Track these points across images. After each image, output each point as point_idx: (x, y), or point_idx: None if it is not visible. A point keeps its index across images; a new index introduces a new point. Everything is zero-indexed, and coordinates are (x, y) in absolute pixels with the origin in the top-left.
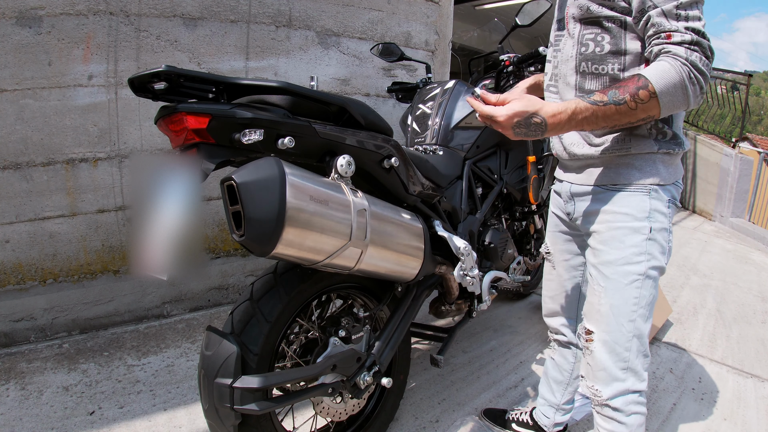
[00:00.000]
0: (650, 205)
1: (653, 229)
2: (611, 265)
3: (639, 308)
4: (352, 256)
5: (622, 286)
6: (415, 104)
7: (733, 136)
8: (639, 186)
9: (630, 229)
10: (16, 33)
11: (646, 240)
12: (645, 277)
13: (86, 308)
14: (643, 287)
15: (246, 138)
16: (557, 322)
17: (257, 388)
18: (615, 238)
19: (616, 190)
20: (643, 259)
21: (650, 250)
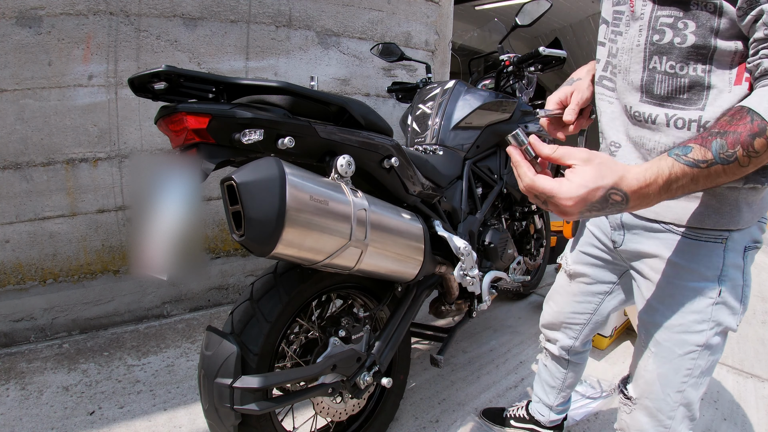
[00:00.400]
0: (724, 259)
1: (724, 291)
2: (665, 330)
3: (692, 378)
4: (352, 256)
5: (675, 356)
6: (415, 104)
7: None
8: (713, 233)
9: (694, 290)
10: (16, 33)
11: (713, 305)
12: (704, 348)
13: (86, 308)
14: (700, 358)
15: (246, 138)
16: (553, 335)
17: (257, 388)
18: (674, 299)
19: (681, 234)
20: (706, 327)
21: (717, 316)
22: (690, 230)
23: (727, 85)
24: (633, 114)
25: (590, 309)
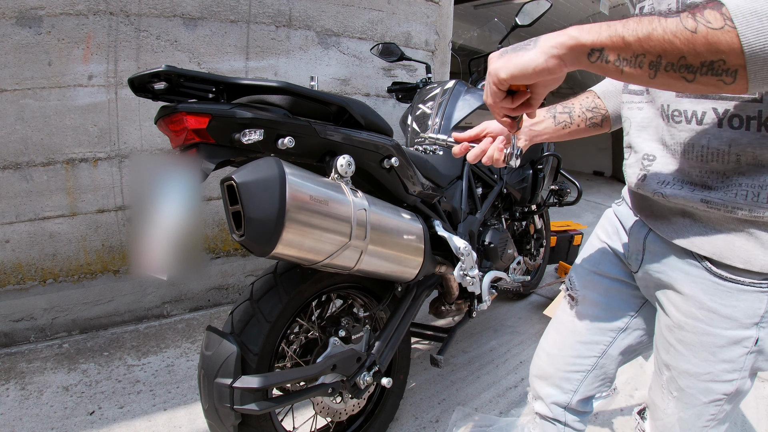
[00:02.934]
0: (766, 306)
1: (762, 340)
2: (691, 377)
3: (714, 422)
4: (351, 256)
5: (699, 403)
6: (415, 104)
7: None
8: (758, 278)
9: (728, 339)
10: (16, 33)
11: (747, 354)
12: (733, 396)
13: (86, 308)
14: (726, 403)
15: (246, 138)
16: (545, 389)
17: (257, 388)
18: (704, 347)
19: (719, 276)
20: (737, 377)
21: (749, 365)
22: (732, 270)
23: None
24: (671, 114)
25: (597, 351)
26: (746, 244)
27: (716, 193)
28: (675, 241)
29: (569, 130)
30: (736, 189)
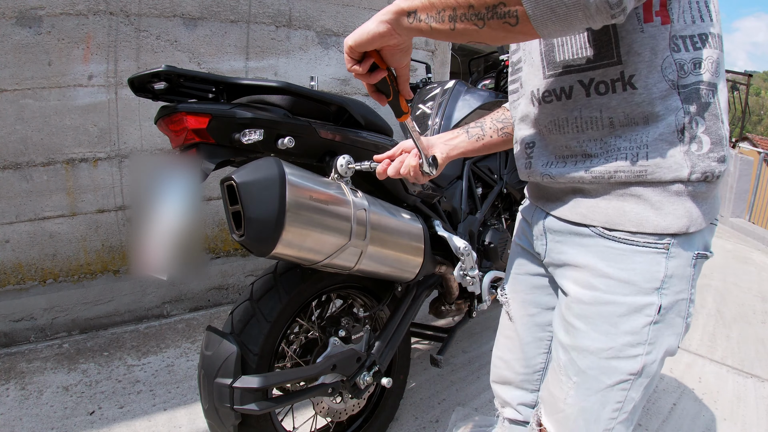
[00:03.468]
0: (666, 269)
1: (664, 307)
2: (591, 355)
3: (622, 414)
4: (351, 256)
5: (601, 388)
6: (415, 104)
7: (733, 136)
8: (653, 238)
9: (629, 307)
10: (16, 33)
11: (651, 325)
12: (639, 376)
13: (86, 308)
14: (633, 389)
15: (246, 138)
16: (510, 393)
17: (257, 388)
18: (603, 318)
19: (613, 239)
20: (641, 352)
21: (655, 337)
22: (625, 234)
23: (637, 24)
24: (542, 97)
25: (543, 348)
26: (636, 207)
27: (598, 160)
28: (569, 217)
29: (483, 143)
30: (615, 154)
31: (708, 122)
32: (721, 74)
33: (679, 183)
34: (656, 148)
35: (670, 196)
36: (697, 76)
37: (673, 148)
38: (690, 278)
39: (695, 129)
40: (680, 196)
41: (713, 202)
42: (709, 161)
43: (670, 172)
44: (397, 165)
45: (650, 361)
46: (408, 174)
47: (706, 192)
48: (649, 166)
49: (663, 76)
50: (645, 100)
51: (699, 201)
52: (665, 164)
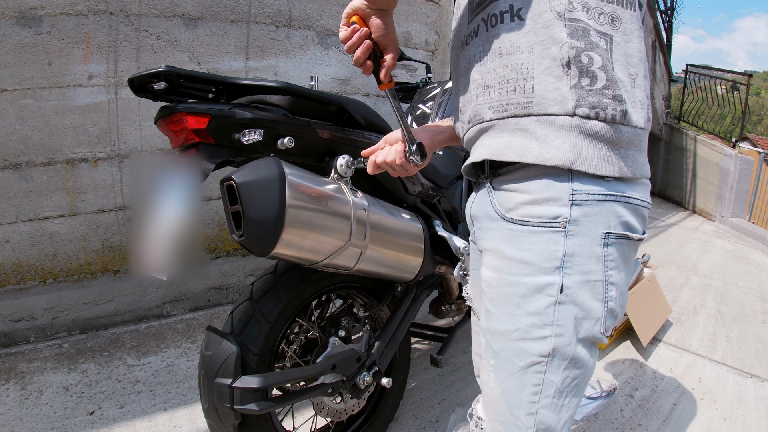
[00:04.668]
0: (565, 247)
1: (567, 287)
2: (502, 337)
3: (544, 397)
4: (351, 256)
5: (516, 369)
6: (415, 104)
7: (733, 136)
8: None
9: (529, 287)
10: (16, 33)
11: (555, 305)
12: (553, 358)
13: (86, 308)
14: (549, 372)
15: (246, 138)
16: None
17: (257, 388)
18: (507, 299)
19: (513, 221)
20: (549, 333)
21: (563, 319)
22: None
23: None
24: (464, 41)
25: None
26: (523, 140)
27: (493, 92)
28: (474, 159)
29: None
30: (506, 86)
31: (604, 62)
32: (624, 30)
33: (566, 116)
34: (542, 81)
35: (557, 129)
36: (585, 18)
37: (559, 81)
38: (603, 259)
39: (586, 64)
40: (567, 130)
41: (624, 154)
42: (601, 97)
43: (555, 104)
44: (385, 152)
45: (562, 344)
46: (394, 162)
47: (604, 134)
48: (535, 97)
49: (549, 7)
50: (531, 29)
51: (595, 141)
52: (550, 96)
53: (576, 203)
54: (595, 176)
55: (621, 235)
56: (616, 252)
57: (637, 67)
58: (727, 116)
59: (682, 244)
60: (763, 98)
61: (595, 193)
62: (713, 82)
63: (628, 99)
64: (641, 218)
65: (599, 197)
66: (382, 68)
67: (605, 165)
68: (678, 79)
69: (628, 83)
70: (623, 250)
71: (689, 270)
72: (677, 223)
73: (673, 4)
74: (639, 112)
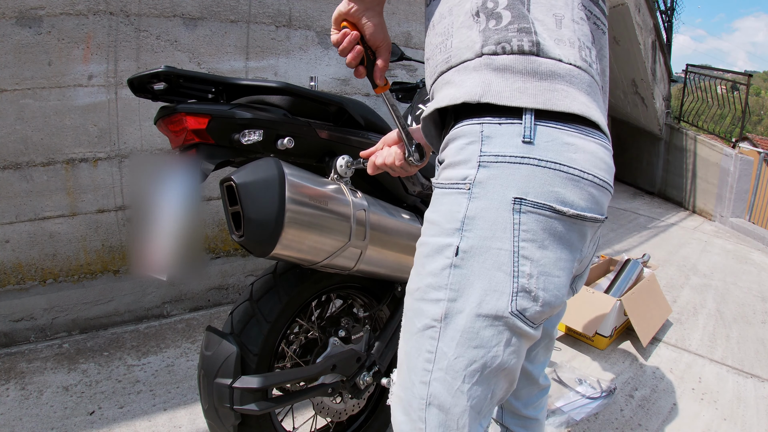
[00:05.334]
0: (467, 209)
1: (463, 250)
2: (409, 296)
3: (437, 370)
4: (351, 256)
5: (415, 330)
6: (415, 104)
7: (733, 136)
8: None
9: (432, 247)
10: (16, 33)
11: (452, 268)
12: (446, 326)
13: (86, 308)
14: (442, 341)
15: (245, 138)
16: None
17: (257, 389)
18: (417, 259)
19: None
20: (443, 296)
21: (458, 284)
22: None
23: None
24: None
25: None
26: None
27: (428, 63)
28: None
29: None
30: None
31: (511, 3)
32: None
33: (476, 59)
34: (457, 35)
35: (469, 72)
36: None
37: (470, 30)
38: (511, 227)
39: (491, 8)
40: (477, 70)
41: (549, 86)
42: (506, 32)
43: (467, 51)
44: (384, 153)
45: (454, 310)
46: (394, 164)
47: (514, 66)
48: (452, 50)
49: None
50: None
51: (506, 75)
52: (463, 45)
53: (483, 165)
54: (513, 138)
55: (542, 205)
56: (534, 223)
57: (564, 10)
58: (727, 116)
59: (682, 244)
60: (763, 98)
61: (506, 154)
62: (713, 82)
63: (547, 36)
64: (584, 194)
65: (512, 159)
66: (375, 72)
67: (521, 96)
68: (678, 79)
69: (550, 23)
70: (550, 224)
71: (689, 270)
72: (677, 223)
73: (673, 4)
74: (565, 48)
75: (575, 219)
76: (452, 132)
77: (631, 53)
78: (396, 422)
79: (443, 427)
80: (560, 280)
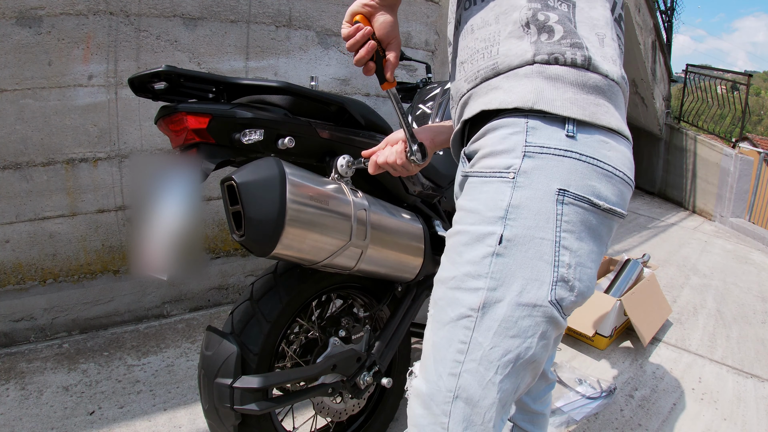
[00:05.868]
0: (511, 198)
1: (507, 239)
2: (441, 284)
3: (469, 361)
4: (352, 256)
5: (447, 320)
6: (415, 104)
7: (733, 136)
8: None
9: (472, 235)
10: (16, 33)
11: (492, 257)
12: (483, 315)
13: (86, 308)
14: (478, 331)
15: (246, 138)
16: None
17: (257, 388)
18: (452, 247)
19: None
20: (482, 285)
21: (500, 273)
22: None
23: None
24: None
25: None
26: (490, 94)
27: (468, 66)
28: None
29: None
30: (476, 56)
31: (561, 19)
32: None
33: (526, 66)
34: (505, 43)
35: (520, 79)
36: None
37: (520, 40)
38: (554, 217)
39: (542, 21)
40: (529, 77)
41: (594, 100)
42: (559, 46)
43: (516, 58)
44: (386, 152)
45: (494, 299)
46: (395, 162)
47: (567, 77)
48: (499, 57)
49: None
50: (496, 3)
51: (558, 84)
52: (512, 53)
53: (528, 155)
54: (557, 131)
55: (582, 197)
56: (574, 214)
57: (605, 29)
58: (727, 116)
59: (682, 244)
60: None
61: (550, 146)
62: (713, 82)
63: (595, 52)
64: (615, 190)
65: (556, 151)
66: (386, 67)
67: (571, 107)
68: (678, 79)
69: (595, 41)
70: (586, 217)
71: (689, 270)
72: (677, 223)
73: (673, 4)
74: (610, 65)
75: (607, 213)
76: (492, 123)
77: (631, 53)
78: (413, 416)
79: (467, 422)
80: (592, 271)
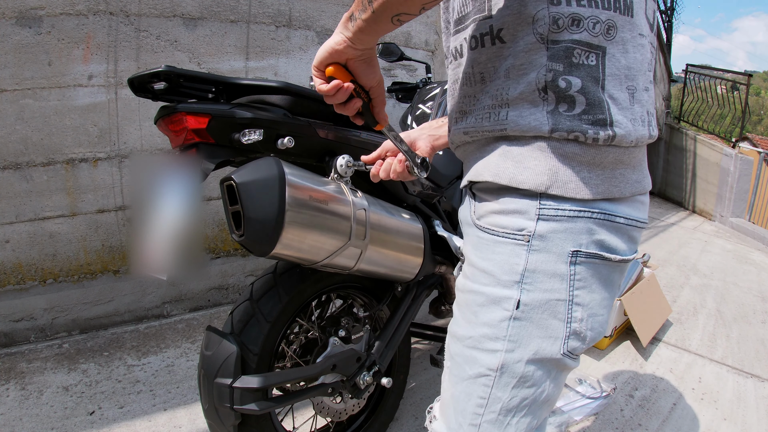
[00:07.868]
0: (527, 262)
1: (525, 303)
2: (457, 342)
3: (489, 412)
4: (351, 256)
5: (466, 377)
6: (415, 104)
7: (733, 136)
8: (511, 229)
9: (487, 297)
10: (16, 33)
11: (510, 320)
12: (501, 374)
13: (86, 308)
14: (497, 387)
15: (246, 138)
16: None
17: (257, 388)
18: (467, 306)
19: (482, 229)
20: (500, 347)
21: (517, 336)
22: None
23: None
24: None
25: None
26: (498, 160)
27: (470, 118)
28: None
29: None
30: (482, 112)
31: (585, 84)
32: (618, 39)
33: (541, 140)
34: (516, 107)
35: (533, 151)
36: (572, 34)
37: (534, 106)
38: (568, 278)
39: (563, 89)
40: (543, 152)
41: (610, 174)
42: (580, 122)
43: (529, 129)
44: (387, 167)
45: (512, 360)
46: (398, 174)
47: (584, 156)
48: (508, 123)
49: (532, 29)
50: (511, 53)
51: (573, 164)
52: (524, 121)
53: (543, 218)
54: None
55: (593, 254)
56: (586, 271)
57: (637, 80)
58: (727, 116)
59: (682, 244)
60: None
61: (565, 209)
62: (713, 82)
63: (622, 117)
64: (627, 238)
65: (570, 213)
66: (375, 113)
67: (584, 189)
68: (678, 79)
69: (624, 100)
70: (598, 270)
71: (689, 270)
72: (677, 223)
73: (673, 4)
74: (639, 130)
75: (619, 263)
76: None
77: None
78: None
79: None
80: (604, 318)
